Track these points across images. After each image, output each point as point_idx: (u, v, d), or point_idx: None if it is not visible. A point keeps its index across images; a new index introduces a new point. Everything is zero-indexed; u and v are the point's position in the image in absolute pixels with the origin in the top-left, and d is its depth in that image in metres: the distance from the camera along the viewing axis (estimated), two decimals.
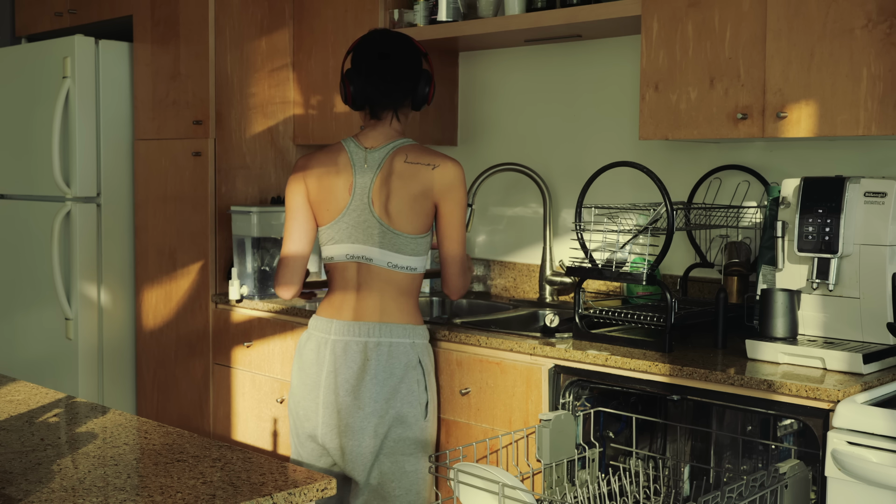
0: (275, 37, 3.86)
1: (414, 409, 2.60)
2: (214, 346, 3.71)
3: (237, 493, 1.53)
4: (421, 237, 2.62)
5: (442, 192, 2.60)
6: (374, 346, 2.59)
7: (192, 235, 3.81)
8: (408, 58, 2.69)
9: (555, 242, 3.48)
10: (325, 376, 2.62)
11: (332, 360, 2.61)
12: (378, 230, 2.60)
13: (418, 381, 2.61)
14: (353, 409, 2.58)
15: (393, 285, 2.62)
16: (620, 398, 2.69)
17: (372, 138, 2.67)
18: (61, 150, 4.02)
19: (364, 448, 2.58)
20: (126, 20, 4.13)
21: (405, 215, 2.59)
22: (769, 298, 2.42)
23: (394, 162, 2.61)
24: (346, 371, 2.59)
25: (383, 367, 2.58)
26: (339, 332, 2.62)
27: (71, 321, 4.02)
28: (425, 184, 2.58)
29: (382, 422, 2.57)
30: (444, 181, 2.59)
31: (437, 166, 2.59)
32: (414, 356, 2.62)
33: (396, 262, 2.61)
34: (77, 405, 2.08)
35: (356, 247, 2.63)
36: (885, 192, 2.36)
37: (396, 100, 2.67)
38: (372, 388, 2.57)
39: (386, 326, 2.60)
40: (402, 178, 2.59)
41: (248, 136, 3.81)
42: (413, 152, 2.63)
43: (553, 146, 3.52)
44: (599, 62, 3.38)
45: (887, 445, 2.01)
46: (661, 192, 2.55)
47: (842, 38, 2.46)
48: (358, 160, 2.64)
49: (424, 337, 2.67)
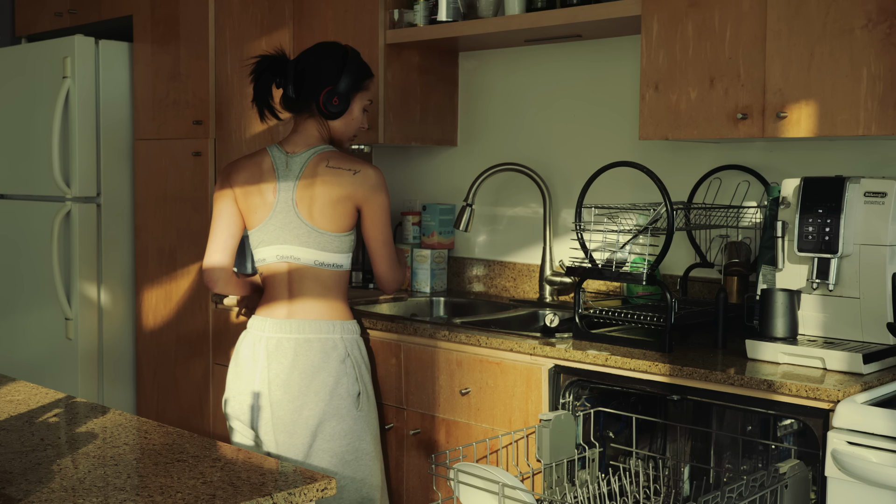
0: (275, 37, 3.86)
1: (345, 402, 2.69)
2: (214, 346, 3.71)
3: (237, 493, 1.53)
4: (345, 235, 2.73)
5: (364, 197, 2.71)
6: (303, 342, 2.69)
7: (192, 235, 3.80)
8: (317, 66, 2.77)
9: (555, 242, 3.48)
10: (259, 371, 2.71)
11: (266, 356, 2.71)
12: (304, 230, 2.70)
13: (347, 373, 2.70)
14: (284, 402, 2.67)
15: (321, 283, 2.73)
16: (620, 398, 2.69)
17: (293, 143, 2.78)
18: (61, 150, 4.02)
19: (296, 440, 2.67)
20: (126, 20, 4.13)
21: (328, 216, 2.70)
22: (769, 298, 2.42)
23: (317, 167, 2.72)
24: (277, 366, 2.69)
25: (311, 362, 2.68)
26: (272, 330, 2.72)
27: (71, 321, 4.02)
28: (347, 188, 2.69)
29: (313, 415, 2.66)
30: (366, 186, 2.70)
31: (358, 171, 2.71)
32: (343, 350, 2.71)
33: (323, 259, 2.71)
34: (77, 405, 2.08)
35: (284, 247, 2.73)
36: (885, 192, 2.36)
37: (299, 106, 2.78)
38: (300, 382, 2.67)
39: (315, 323, 2.71)
40: (324, 182, 2.70)
41: (248, 136, 3.81)
42: (334, 158, 2.73)
43: (553, 146, 3.52)
44: (599, 62, 3.38)
45: (887, 445, 2.01)
46: (661, 192, 2.55)
47: (842, 38, 2.46)
48: (280, 164, 2.75)
49: (353, 331, 2.77)
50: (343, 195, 2.69)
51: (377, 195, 2.73)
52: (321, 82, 2.75)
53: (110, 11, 4.20)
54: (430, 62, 3.66)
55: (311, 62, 2.78)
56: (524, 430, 2.59)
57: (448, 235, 3.74)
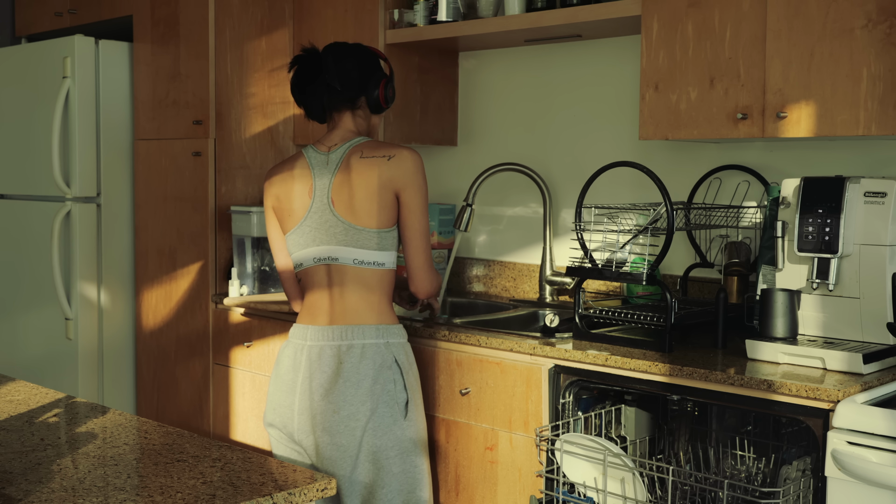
0: (275, 37, 3.86)
1: (391, 410, 2.57)
2: (214, 346, 3.71)
3: (237, 493, 1.53)
4: (385, 231, 2.62)
5: (400, 181, 2.60)
6: (346, 349, 2.58)
7: (192, 235, 3.81)
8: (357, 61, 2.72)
9: (555, 242, 3.48)
10: (301, 382, 2.62)
11: (308, 366, 2.61)
12: (341, 228, 2.61)
13: (395, 380, 2.59)
14: (328, 412, 2.57)
15: (363, 284, 2.62)
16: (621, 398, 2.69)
17: (329, 140, 2.71)
18: (61, 150, 4.02)
19: (341, 452, 2.56)
20: (126, 20, 4.13)
21: (366, 210, 2.60)
22: (769, 298, 2.42)
23: (350, 160, 2.63)
24: (320, 376, 2.58)
25: (356, 369, 2.56)
26: (314, 338, 2.62)
27: (71, 321, 4.02)
28: (383, 175, 2.59)
29: (359, 425, 2.55)
30: (401, 169, 2.60)
31: (393, 157, 2.60)
32: (388, 356, 2.60)
33: (362, 258, 2.61)
34: (77, 405, 2.08)
35: (321, 248, 2.64)
36: (885, 192, 2.36)
37: (345, 101, 2.70)
38: (345, 391, 2.55)
39: (358, 329, 2.59)
40: (360, 174, 2.61)
41: (247, 136, 3.81)
42: (368, 147, 2.65)
43: (553, 146, 3.52)
44: (599, 62, 3.38)
45: (887, 445, 2.01)
46: (661, 192, 2.55)
47: (842, 38, 2.46)
48: (316, 163, 2.67)
49: (399, 336, 2.65)
50: (379, 185, 2.59)
51: (413, 179, 2.61)
52: (374, 74, 2.71)
53: (110, 11, 4.20)
54: (430, 62, 3.66)
55: (350, 58, 2.71)
56: None
57: (448, 235, 3.73)
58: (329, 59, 2.69)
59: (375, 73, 2.73)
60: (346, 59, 2.70)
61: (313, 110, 2.74)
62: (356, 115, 2.73)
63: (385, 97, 2.74)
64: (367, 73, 2.72)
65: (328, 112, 2.73)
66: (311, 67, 2.71)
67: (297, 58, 2.74)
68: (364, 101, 2.73)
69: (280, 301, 3.36)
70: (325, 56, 2.70)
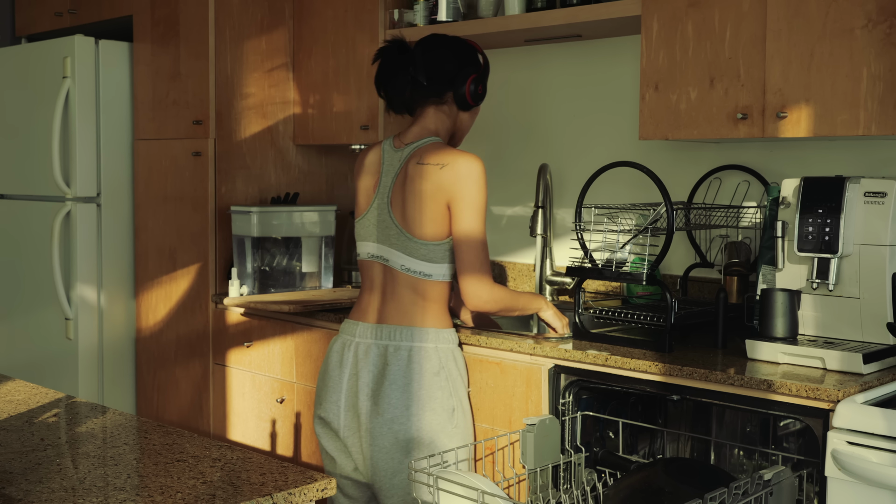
0: (274, 36, 3.86)
1: (438, 417, 2.51)
2: (214, 347, 3.71)
3: (237, 493, 1.53)
4: (435, 244, 2.54)
5: (451, 192, 2.49)
6: (393, 350, 2.53)
7: (192, 235, 3.80)
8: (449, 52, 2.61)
9: (555, 242, 3.48)
10: (348, 379, 2.58)
11: (354, 363, 2.58)
12: (394, 231, 2.56)
13: (442, 386, 2.52)
14: (373, 414, 2.52)
15: (413, 288, 2.56)
16: (621, 398, 2.69)
17: (405, 136, 2.63)
18: (61, 150, 4.02)
19: (386, 455, 2.51)
20: (126, 20, 4.13)
21: (417, 220, 2.52)
22: (769, 298, 2.42)
23: (408, 165, 2.56)
24: (366, 375, 2.54)
25: (403, 372, 2.51)
26: (362, 335, 2.59)
27: (71, 321, 4.02)
28: (434, 186, 2.50)
29: (404, 429, 2.49)
30: (451, 178, 2.49)
31: (446, 165, 2.49)
32: (436, 361, 2.53)
33: (410, 266, 2.55)
34: (77, 405, 2.08)
35: (376, 246, 2.61)
36: (885, 192, 2.36)
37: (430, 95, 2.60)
38: (390, 393, 2.50)
39: (407, 330, 2.54)
40: (413, 182, 2.53)
41: (248, 135, 3.81)
42: (428, 152, 2.54)
43: (553, 146, 3.52)
44: (599, 62, 3.38)
45: (887, 445, 2.01)
46: (661, 192, 2.55)
47: (842, 38, 2.46)
48: (388, 159, 2.62)
49: (450, 340, 2.58)
50: (430, 196, 2.50)
51: (463, 187, 2.48)
52: (463, 69, 2.61)
53: (110, 11, 4.20)
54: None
55: (443, 49, 2.61)
56: (508, 436, 2.56)
57: None
58: (417, 51, 2.59)
59: (466, 67, 2.62)
60: (435, 50, 2.60)
61: (395, 105, 2.64)
62: (440, 111, 2.63)
63: (472, 93, 2.63)
64: (457, 67, 2.61)
65: (412, 107, 2.64)
66: (395, 59, 2.60)
67: (382, 49, 2.63)
68: (451, 97, 2.63)
69: (280, 301, 3.36)
70: (414, 47, 2.60)
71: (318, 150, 4.01)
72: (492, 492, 1.98)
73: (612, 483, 2.46)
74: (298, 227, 3.68)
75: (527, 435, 2.40)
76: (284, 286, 3.69)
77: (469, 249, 2.51)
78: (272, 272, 3.69)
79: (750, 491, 2.01)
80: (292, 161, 3.94)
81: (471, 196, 2.49)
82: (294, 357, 3.34)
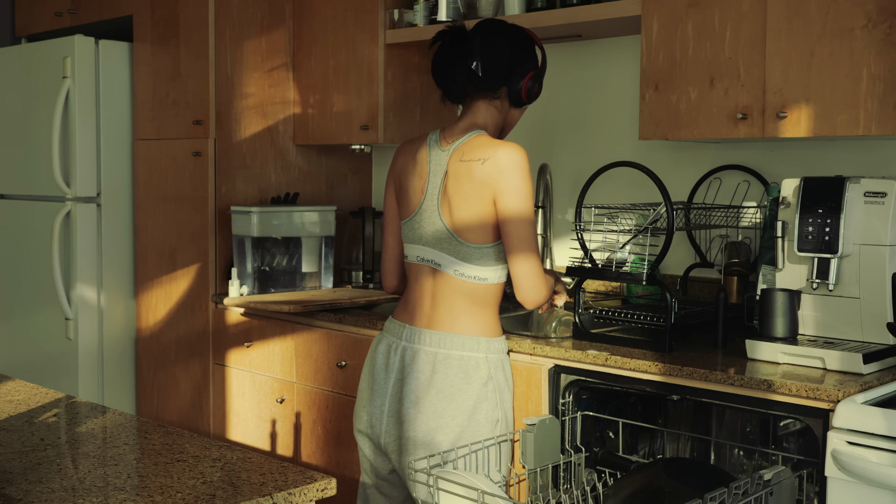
0: (274, 36, 3.86)
1: (483, 428, 2.42)
2: (214, 347, 3.71)
3: (237, 493, 1.53)
4: (487, 247, 2.41)
5: (496, 187, 2.35)
6: (443, 357, 2.41)
7: (192, 235, 3.80)
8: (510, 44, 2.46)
9: (555, 242, 3.48)
10: (393, 384, 2.47)
11: (401, 368, 2.46)
12: (445, 236, 2.42)
13: (488, 398, 2.42)
14: (417, 422, 2.41)
15: (465, 294, 2.43)
16: (621, 398, 2.69)
17: (452, 132, 2.47)
18: (61, 150, 4.02)
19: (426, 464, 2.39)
20: (126, 20, 4.13)
21: (466, 222, 2.38)
22: (769, 298, 2.42)
23: (453, 162, 2.41)
24: (412, 381, 2.42)
25: (451, 381, 2.40)
26: (410, 339, 2.46)
27: (71, 321, 4.02)
28: (478, 183, 2.36)
29: (447, 439, 2.39)
30: (495, 173, 2.34)
31: (488, 159, 2.35)
32: (485, 371, 2.43)
33: (464, 271, 2.41)
34: (77, 405, 2.08)
35: (426, 250, 2.46)
36: (885, 192, 2.36)
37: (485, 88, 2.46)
38: (437, 402, 2.40)
39: (458, 338, 2.42)
40: (458, 180, 2.39)
41: (247, 135, 3.81)
42: (470, 148, 2.40)
43: (553, 146, 3.52)
44: (599, 62, 3.38)
45: (887, 445, 2.01)
46: (661, 192, 2.55)
47: (842, 38, 2.46)
48: (434, 157, 2.46)
49: (500, 350, 2.47)
50: (475, 193, 2.36)
51: (509, 181, 2.33)
52: (522, 64, 2.46)
53: (110, 11, 4.20)
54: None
55: (503, 40, 2.45)
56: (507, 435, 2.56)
57: None
58: (477, 40, 2.43)
59: (525, 62, 2.47)
60: (497, 41, 2.44)
61: (453, 94, 2.49)
62: (492, 105, 2.48)
63: (528, 91, 2.48)
64: (517, 61, 2.46)
65: (464, 98, 2.50)
66: (454, 47, 2.45)
67: (440, 33, 2.48)
68: (505, 91, 2.47)
69: (280, 301, 3.36)
70: (472, 35, 2.44)
71: (318, 150, 4.01)
72: (492, 492, 1.98)
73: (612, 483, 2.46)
74: (298, 227, 3.68)
75: (527, 435, 2.40)
76: (284, 286, 3.69)
77: (523, 249, 2.35)
78: (272, 272, 3.69)
79: (750, 491, 2.01)
80: (292, 161, 3.94)
81: (513, 187, 2.34)
82: (294, 357, 3.34)
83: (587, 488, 2.42)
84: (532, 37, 2.53)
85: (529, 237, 2.36)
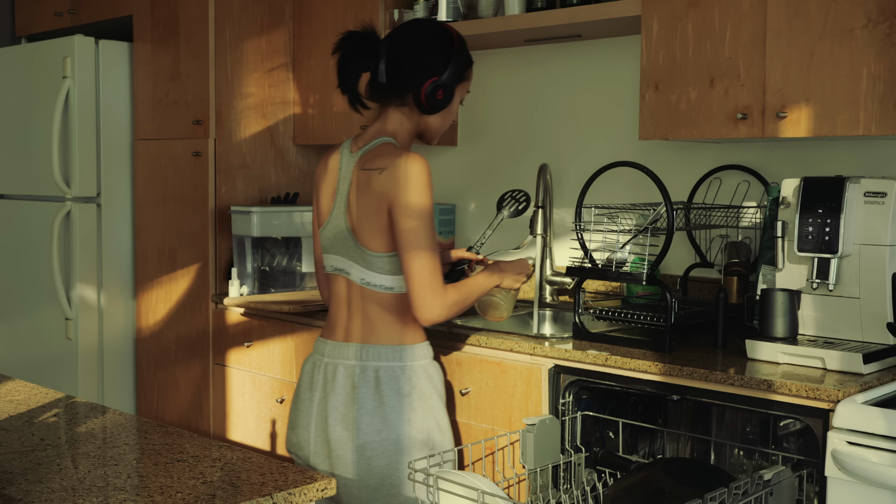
0: (274, 36, 3.86)
1: (414, 441, 2.32)
2: (214, 347, 3.71)
3: (237, 493, 1.53)
4: (389, 255, 2.31)
5: (391, 197, 2.25)
6: (360, 371, 2.33)
7: (192, 235, 3.81)
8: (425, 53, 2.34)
9: (555, 242, 3.48)
10: (318, 402, 2.39)
11: (324, 385, 2.38)
12: (351, 244, 2.34)
13: (414, 408, 2.33)
14: (343, 440, 2.32)
15: (376, 303, 2.34)
16: (621, 398, 2.69)
17: (361, 138, 2.39)
18: (61, 150, 4.02)
19: (360, 484, 2.31)
20: (126, 20, 4.13)
21: (367, 231, 2.30)
22: (769, 298, 2.42)
23: (355, 170, 2.34)
24: (335, 398, 2.34)
25: (372, 395, 2.31)
26: (331, 355, 2.38)
27: (71, 321, 4.02)
28: (376, 193, 2.27)
29: (376, 455, 2.30)
30: (390, 183, 2.25)
31: (385, 169, 2.26)
32: (406, 381, 2.33)
33: (369, 280, 2.33)
34: (77, 405, 2.08)
35: (337, 258, 2.39)
36: (885, 192, 2.36)
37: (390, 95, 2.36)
38: (360, 418, 2.30)
39: (374, 349, 2.33)
40: (359, 188, 2.31)
41: (247, 136, 3.81)
42: (372, 157, 2.31)
43: (553, 146, 3.52)
44: (599, 62, 3.38)
45: (887, 445, 2.01)
46: (661, 192, 2.55)
47: (842, 38, 2.46)
48: (345, 164, 2.38)
49: (422, 356, 2.38)
50: (372, 203, 2.28)
51: (401, 190, 2.23)
52: (425, 70, 2.31)
53: (110, 11, 4.20)
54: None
55: (411, 44, 2.33)
56: (508, 436, 2.56)
57: (448, 235, 3.73)
58: (384, 43, 2.33)
59: (431, 68, 2.33)
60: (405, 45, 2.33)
61: (351, 101, 2.37)
62: (399, 111, 2.37)
63: (428, 97, 2.32)
64: (422, 67, 2.32)
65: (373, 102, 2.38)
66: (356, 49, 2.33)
67: (343, 38, 2.34)
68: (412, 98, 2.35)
69: (280, 301, 3.36)
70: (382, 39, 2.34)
71: (318, 150, 4.01)
72: (492, 492, 1.98)
73: (612, 483, 2.46)
74: (298, 227, 3.68)
75: (527, 435, 2.40)
76: (284, 286, 3.69)
77: (411, 259, 2.24)
78: (272, 272, 3.69)
79: (750, 491, 2.01)
80: (292, 161, 3.94)
81: (407, 200, 2.23)
82: (294, 357, 3.34)
83: (587, 488, 2.43)
84: (453, 38, 2.38)
85: (419, 251, 2.24)
